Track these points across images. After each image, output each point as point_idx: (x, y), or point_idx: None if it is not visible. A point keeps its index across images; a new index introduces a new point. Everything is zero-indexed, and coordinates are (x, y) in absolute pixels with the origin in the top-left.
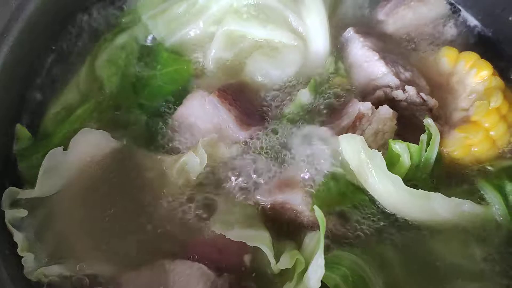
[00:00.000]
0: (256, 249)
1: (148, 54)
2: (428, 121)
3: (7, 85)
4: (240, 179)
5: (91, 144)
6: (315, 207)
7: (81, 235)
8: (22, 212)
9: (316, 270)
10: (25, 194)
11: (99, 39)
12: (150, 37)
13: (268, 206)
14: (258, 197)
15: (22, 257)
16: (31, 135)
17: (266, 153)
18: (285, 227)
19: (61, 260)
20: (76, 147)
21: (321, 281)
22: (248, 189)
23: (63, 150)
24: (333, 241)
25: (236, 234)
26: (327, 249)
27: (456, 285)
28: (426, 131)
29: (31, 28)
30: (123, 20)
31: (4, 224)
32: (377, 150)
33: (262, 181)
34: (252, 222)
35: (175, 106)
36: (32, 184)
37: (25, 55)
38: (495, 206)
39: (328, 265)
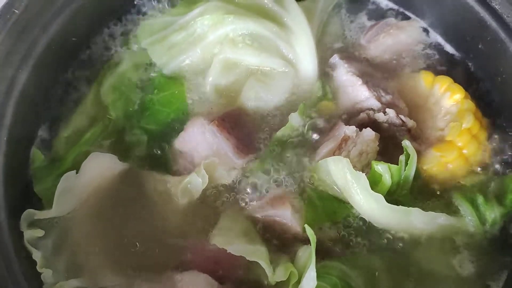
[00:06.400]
0: (254, 262)
1: (147, 79)
2: (406, 143)
3: (24, 115)
4: (238, 197)
5: (100, 167)
6: (306, 226)
7: (94, 251)
8: (39, 232)
9: (309, 282)
10: (42, 215)
11: (103, 68)
12: (149, 63)
13: (261, 220)
14: (253, 213)
15: (41, 273)
16: (44, 158)
17: (261, 174)
18: (280, 241)
19: (78, 275)
20: (87, 170)
21: None
22: (244, 206)
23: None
24: (323, 252)
25: (236, 248)
26: (318, 260)
27: None
28: (404, 152)
29: (44, 61)
30: (125, 48)
31: (23, 243)
32: (361, 171)
33: (256, 199)
34: (250, 237)
35: (178, 130)
36: (45, 203)
37: (38, 85)
38: (468, 217)
39: (319, 274)
